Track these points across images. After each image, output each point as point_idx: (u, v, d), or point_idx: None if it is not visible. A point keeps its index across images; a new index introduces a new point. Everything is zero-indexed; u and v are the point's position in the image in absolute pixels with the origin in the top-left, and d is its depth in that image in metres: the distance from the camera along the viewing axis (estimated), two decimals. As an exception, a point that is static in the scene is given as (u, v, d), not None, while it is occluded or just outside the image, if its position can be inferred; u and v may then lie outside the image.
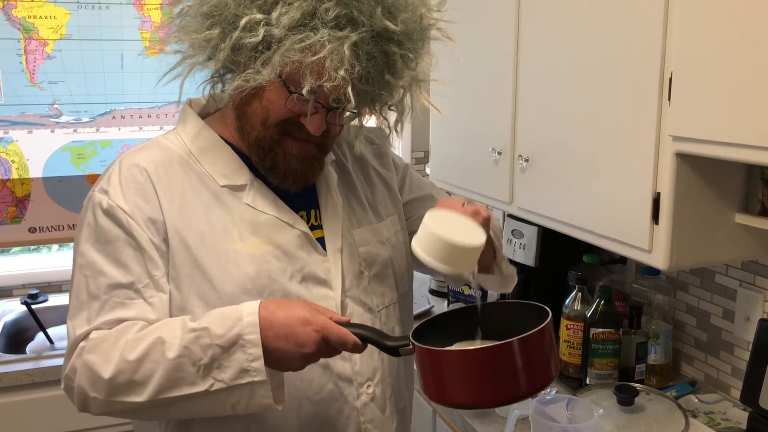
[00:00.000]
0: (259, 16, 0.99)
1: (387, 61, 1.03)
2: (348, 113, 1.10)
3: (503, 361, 0.94)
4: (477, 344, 1.03)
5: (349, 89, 1.00)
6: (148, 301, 1.07)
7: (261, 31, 0.99)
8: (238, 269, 1.09)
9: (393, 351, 1.02)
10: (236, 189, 1.13)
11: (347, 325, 1.01)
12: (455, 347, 1.04)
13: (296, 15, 0.98)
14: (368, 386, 1.18)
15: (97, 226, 1.08)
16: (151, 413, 1.05)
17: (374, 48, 1.01)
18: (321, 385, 1.13)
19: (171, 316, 1.08)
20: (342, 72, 0.98)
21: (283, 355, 0.99)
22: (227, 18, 1.02)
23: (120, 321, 1.05)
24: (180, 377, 0.99)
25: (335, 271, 1.16)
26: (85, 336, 1.05)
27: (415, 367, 1.06)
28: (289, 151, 1.10)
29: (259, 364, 0.98)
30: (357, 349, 1.01)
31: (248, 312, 1.00)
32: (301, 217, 1.16)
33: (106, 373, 1.00)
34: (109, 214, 1.07)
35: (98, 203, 1.08)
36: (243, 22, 1.00)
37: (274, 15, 0.99)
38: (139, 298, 1.07)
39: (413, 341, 1.00)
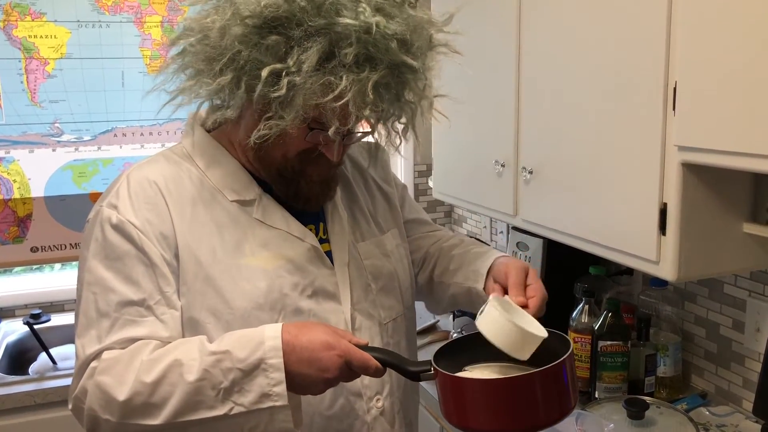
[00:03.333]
0: (279, 66, 0.96)
1: (403, 87, 1.03)
2: (361, 133, 1.10)
3: (524, 391, 0.96)
4: (496, 369, 1.04)
5: (372, 120, 1.03)
6: (159, 319, 1.04)
7: (284, 83, 0.95)
8: (250, 284, 1.08)
9: (414, 376, 1.01)
10: (246, 204, 1.12)
11: (367, 348, 1.01)
12: (475, 373, 1.04)
13: (314, 59, 0.95)
14: (377, 400, 1.18)
15: (106, 242, 1.05)
16: None
17: (392, 80, 1.00)
18: (333, 400, 1.13)
19: (183, 333, 1.07)
20: (366, 111, 0.98)
21: (305, 379, 0.98)
22: (239, 64, 0.98)
23: (132, 340, 1.02)
24: (199, 401, 0.97)
25: (343, 284, 1.17)
26: (96, 355, 1.02)
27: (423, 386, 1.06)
28: (311, 179, 1.11)
29: (281, 388, 0.97)
30: (378, 373, 1.00)
31: (270, 335, 0.98)
32: (310, 230, 1.17)
33: (121, 395, 0.97)
34: (118, 229, 1.05)
35: (107, 218, 1.06)
36: (264, 74, 0.96)
37: (291, 61, 0.95)
38: (151, 315, 1.04)
39: (436, 367, 1.00)
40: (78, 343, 1.05)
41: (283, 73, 0.96)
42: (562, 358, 0.97)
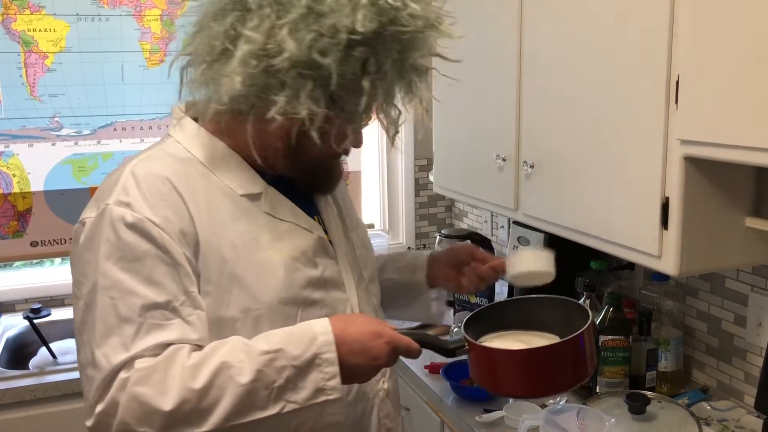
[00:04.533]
0: (371, 76, 1.01)
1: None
2: None
3: (551, 359, 1.06)
4: (511, 338, 1.16)
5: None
6: (186, 320, 0.99)
7: (380, 90, 1.02)
8: (274, 278, 1.07)
9: (451, 353, 1.09)
10: (253, 198, 1.11)
11: (403, 332, 1.05)
12: (495, 342, 1.15)
13: (389, 64, 1.01)
14: (383, 382, 1.21)
15: (121, 242, 0.98)
16: None
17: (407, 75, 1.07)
18: (350, 387, 1.13)
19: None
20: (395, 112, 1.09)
21: (357, 369, 1.00)
22: (324, 78, 1.00)
23: (161, 345, 0.97)
24: (252, 402, 0.95)
25: (346, 273, 1.19)
26: (124, 365, 0.95)
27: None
28: (337, 169, 1.18)
29: (336, 382, 0.98)
30: (418, 355, 1.06)
31: (321, 330, 0.99)
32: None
33: (166, 405, 0.92)
34: (135, 228, 0.99)
35: (119, 217, 0.99)
36: (366, 85, 1.00)
37: (373, 68, 1.01)
38: (177, 317, 0.99)
39: (471, 341, 1.09)
40: (99, 353, 0.96)
41: (377, 82, 1.01)
42: (585, 326, 1.07)
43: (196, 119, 1.14)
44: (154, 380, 0.94)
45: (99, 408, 0.95)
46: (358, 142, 1.14)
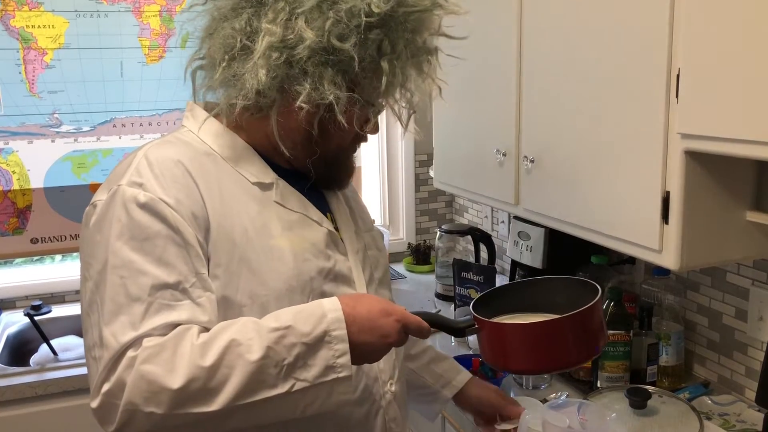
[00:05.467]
0: (388, 56, 1.03)
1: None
2: None
3: (560, 333, 1.07)
4: (522, 319, 1.16)
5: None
6: (196, 302, 0.99)
7: (397, 70, 1.04)
8: (284, 265, 1.07)
9: (460, 332, 1.11)
10: (265, 187, 1.12)
11: (413, 312, 1.06)
12: (507, 320, 1.15)
13: (403, 46, 1.04)
14: (391, 384, 1.20)
15: (132, 222, 0.98)
16: (206, 426, 0.95)
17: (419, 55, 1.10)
18: (356, 385, 1.13)
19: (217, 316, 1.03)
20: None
21: (367, 347, 1.00)
22: (343, 63, 1.03)
23: (170, 325, 0.96)
24: (261, 380, 0.93)
25: (356, 270, 1.19)
26: (132, 343, 0.94)
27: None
28: (351, 161, 1.19)
29: (346, 359, 0.97)
30: (428, 334, 1.06)
31: (331, 308, 0.99)
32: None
33: (175, 383, 0.90)
34: (147, 208, 0.98)
35: (132, 197, 0.99)
36: (386, 66, 1.03)
37: (389, 49, 1.03)
38: (187, 299, 0.98)
39: (480, 318, 1.10)
40: (106, 331, 0.95)
41: (395, 62, 1.03)
42: (588, 304, 1.08)
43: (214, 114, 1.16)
44: (162, 358, 0.92)
45: (105, 387, 0.93)
46: (376, 128, 1.15)
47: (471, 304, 1.15)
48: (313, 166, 1.14)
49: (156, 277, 0.97)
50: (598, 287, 1.12)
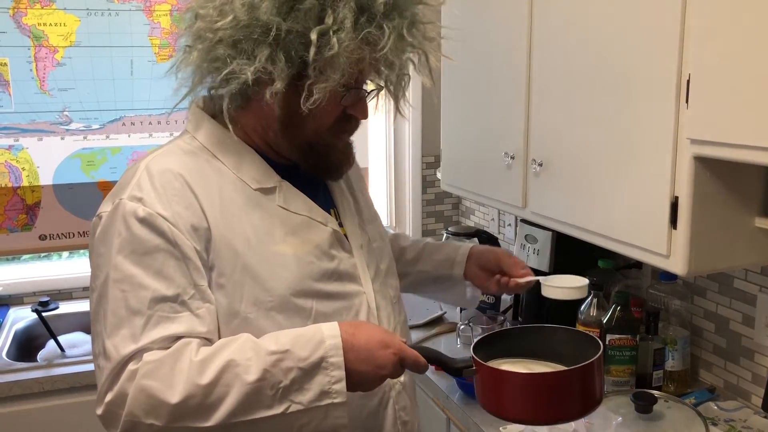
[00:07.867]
0: (324, 27, 0.98)
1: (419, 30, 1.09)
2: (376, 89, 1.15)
3: (561, 385, 1.06)
4: (521, 365, 1.14)
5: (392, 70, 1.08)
6: (195, 314, 1.01)
7: (334, 42, 0.98)
8: (287, 271, 1.08)
9: (457, 372, 1.09)
10: (268, 192, 1.12)
11: (413, 346, 1.06)
12: (504, 367, 1.13)
13: (351, 15, 0.99)
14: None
15: (132, 237, 1.01)
16: None
17: (417, 25, 1.07)
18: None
19: (220, 325, 1.05)
20: (404, 57, 1.05)
21: (362, 377, 1.01)
22: (277, 36, 0.99)
23: (169, 338, 0.99)
24: (256, 401, 0.96)
25: (361, 266, 1.20)
26: (132, 356, 0.97)
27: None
28: (338, 148, 1.15)
29: (341, 386, 0.99)
30: (425, 370, 1.06)
31: (329, 334, 1.00)
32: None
33: (173, 398, 0.94)
34: (146, 222, 1.01)
35: (131, 212, 1.02)
36: (314, 38, 0.98)
37: (330, 20, 0.98)
38: (186, 310, 1.01)
39: (479, 361, 1.08)
40: (109, 343, 0.99)
41: (330, 33, 0.98)
42: (596, 356, 1.07)
43: (214, 116, 1.16)
44: (161, 374, 0.96)
45: (108, 397, 0.98)
46: (362, 112, 1.12)
47: (472, 346, 1.14)
48: (296, 156, 1.14)
49: (155, 291, 1.00)
50: (600, 344, 1.11)
